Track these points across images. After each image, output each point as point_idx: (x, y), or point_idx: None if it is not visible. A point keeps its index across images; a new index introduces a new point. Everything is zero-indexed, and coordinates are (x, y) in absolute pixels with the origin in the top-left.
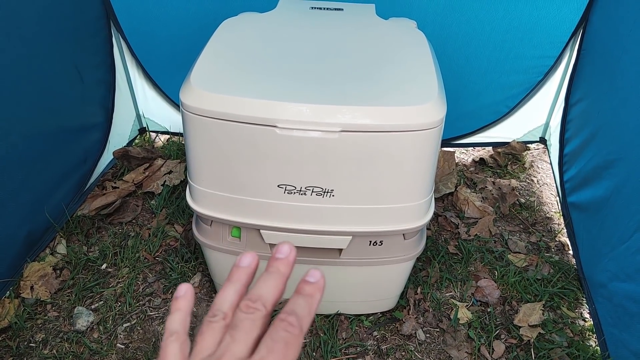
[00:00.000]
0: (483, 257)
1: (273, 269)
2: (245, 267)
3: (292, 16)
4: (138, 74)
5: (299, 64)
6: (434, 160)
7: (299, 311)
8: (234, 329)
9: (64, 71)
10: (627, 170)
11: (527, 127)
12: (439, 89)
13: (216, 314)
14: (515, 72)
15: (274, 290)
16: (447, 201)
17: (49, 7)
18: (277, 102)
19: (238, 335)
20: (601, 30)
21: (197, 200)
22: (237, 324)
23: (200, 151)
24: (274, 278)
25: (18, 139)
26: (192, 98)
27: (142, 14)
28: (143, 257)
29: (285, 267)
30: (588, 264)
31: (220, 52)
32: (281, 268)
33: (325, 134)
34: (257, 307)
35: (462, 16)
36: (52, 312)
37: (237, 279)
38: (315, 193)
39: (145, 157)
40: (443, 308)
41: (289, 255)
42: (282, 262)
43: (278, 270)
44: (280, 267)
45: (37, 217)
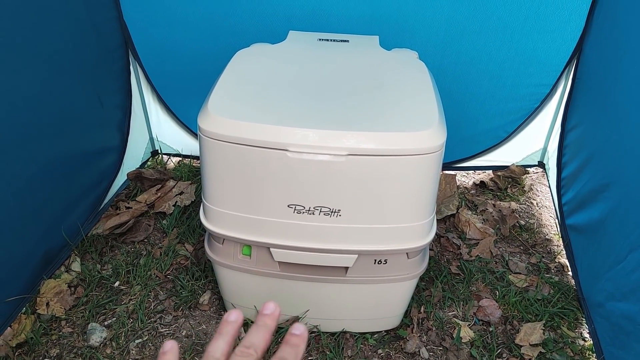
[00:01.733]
0: (484, 277)
1: (262, 323)
2: (233, 322)
3: (301, 47)
4: (153, 99)
5: (308, 92)
6: (436, 183)
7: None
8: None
9: (86, 97)
10: (620, 194)
11: (525, 151)
12: (440, 115)
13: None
14: (513, 99)
15: (263, 339)
16: (449, 222)
17: (73, 38)
18: (289, 128)
19: None
20: (594, 60)
21: (211, 219)
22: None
23: (216, 173)
24: (263, 330)
25: (43, 162)
26: (209, 123)
27: (159, 43)
28: (154, 275)
29: (271, 321)
30: (586, 285)
31: (235, 81)
32: (268, 322)
33: (333, 158)
34: (250, 352)
35: (461, 47)
36: (66, 328)
37: (226, 332)
38: (323, 213)
39: (157, 178)
40: (446, 327)
41: (274, 311)
42: (269, 317)
43: (266, 324)
44: (268, 321)
45: (54, 236)
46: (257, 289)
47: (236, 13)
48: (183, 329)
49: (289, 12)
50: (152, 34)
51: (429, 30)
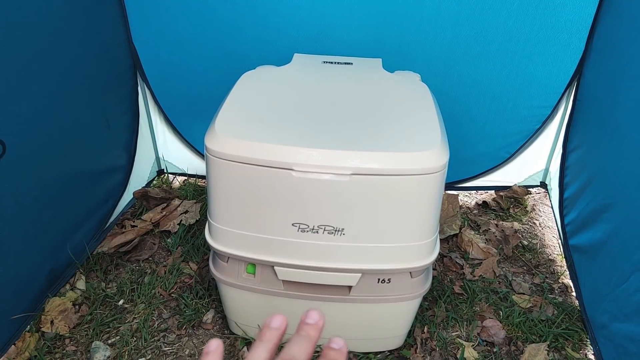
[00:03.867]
0: (488, 297)
1: (304, 333)
2: (276, 329)
3: (306, 69)
4: (160, 120)
5: (313, 113)
6: (439, 202)
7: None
8: None
9: (93, 119)
10: (622, 214)
11: (527, 172)
12: (442, 136)
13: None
14: (514, 120)
15: (304, 352)
16: (451, 242)
17: (83, 60)
18: (294, 148)
19: None
20: (594, 82)
21: (216, 238)
22: None
23: (222, 192)
24: (305, 341)
25: (50, 181)
26: (216, 143)
27: (167, 65)
28: (159, 294)
29: (315, 332)
30: (590, 305)
31: (241, 102)
32: (311, 333)
33: (337, 177)
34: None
35: (463, 69)
36: (70, 347)
37: (268, 339)
38: (327, 232)
39: (163, 197)
40: (449, 347)
41: (318, 321)
42: (313, 327)
43: (308, 334)
44: (311, 332)
45: (60, 254)
46: (261, 308)
47: (242, 37)
48: (186, 348)
49: (294, 36)
50: (160, 57)
51: (430, 53)
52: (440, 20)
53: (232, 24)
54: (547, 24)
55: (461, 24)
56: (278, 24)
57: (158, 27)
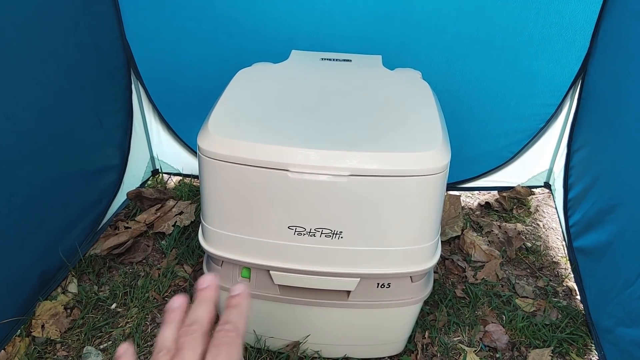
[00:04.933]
0: (491, 301)
1: (200, 297)
2: (177, 308)
3: (303, 67)
4: (154, 118)
5: (310, 112)
6: (440, 204)
7: (233, 318)
8: (180, 351)
9: (85, 117)
10: (628, 215)
11: (531, 172)
12: (444, 136)
13: (160, 350)
14: (518, 119)
15: (205, 312)
16: (453, 244)
17: (74, 57)
18: (290, 148)
19: (185, 354)
20: (599, 80)
21: (210, 241)
22: (181, 347)
23: (215, 193)
24: (203, 304)
25: (41, 181)
26: (209, 143)
27: (161, 62)
28: (152, 297)
29: (210, 292)
30: (595, 309)
31: (235, 100)
32: (207, 295)
33: (334, 178)
34: (194, 328)
35: (465, 67)
36: (61, 352)
37: (172, 319)
38: (325, 235)
39: (157, 198)
40: (451, 353)
41: (211, 283)
42: (207, 290)
43: (204, 297)
44: (206, 294)
45: (51, 257)
46: (256, 312)
47: (239, 32)
48: None
49: (291, 32)
50: (154, 54)
51: (432, 50)
52: (442, 17)
53: (228, 19)
54: (551, 21)
55: (463, 20)
56: (275, 20)
57: (152, 24)
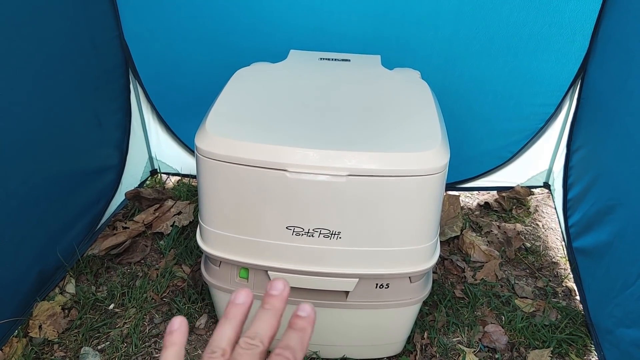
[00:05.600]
0: (490, 301)
1: (269, 306)
2: (241, 305)
3: (302, 66)
4: (152, 118)
5: (308, 112)
6: (439, 205)
7: (293, 345)
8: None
9: (84, 117)
10: (628, 216)
11: (530, 172)
12: (442, 135)
13: (215, 350)
14: (517, 119)
15: (270, 327)
16: (452, 245)
17: (72, 57)
18: (288, 148)
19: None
20: (599, 80)
21: (207, 241)
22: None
23: (213, 194)
24: (270, 315)
25: (39, 181)
26: (207, 143)
27: (160, 62)
28: (150, 298)
29: (280, 303)
30: (595, 310)
31: (233, 100)
32: (276, 304)
33: (333, 178)
34: (256, 343)
35: (464, 66)
36: (58, 352)
37: (233, 316)
38: (323, 235)
39: (156, 198)
40: (450, 354)
41: (283, 291)
42: (277, 298)
43: (273, 307)
44: (276, 303)
45: (49, 257)
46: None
47: (237, 32)
48: None
49: (290, 31)
50: (152, 53)
51: (431, 49)
52: (440, 16)
53: (226, 19)
54: (551, 20)
55: (462, 19)
56: (274, 20)
57: (150, 23)
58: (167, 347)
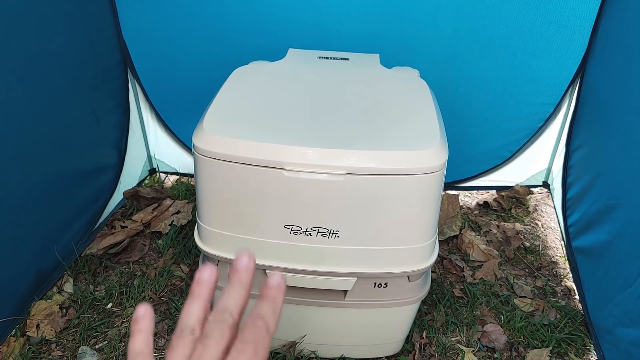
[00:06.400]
0: (489, 301)
1: (235, 281)
2: (206, 282)
3: (300, 65)
4: (151, 117)
5: (306, 110)
6: (437, 203)
7: (265, 314)
8: (206, 338)
9: (82, 116)
10: (627, 215)
11: (529, 171)
12: (441, 134)
13: (184, 329)
14: (516, 118)
15: (239, 300)
16: (451, 244)
17: (70, 55)
18: (286, 146)
19: (210, 344)
20: (598, 79)
21: (205, 240)
22: (207, 334)
23: (210, 192)
24: (237, 289)
25: (37, 180)
26: (204, 141)
27: (158, 61)
28: (149, 297)
29: (246, 276)
30: (594, 310)
31: (231, 99)
32: (243, 278)
33: (331, 177)
34: (225, 317)
35: (463, 65)
36: (56, 352)
37: (199, 294)
38: (321, 234)
39: (154, 197)
40: (449, 353)
41: (248, 264)
42: (244, 272)
43: (240, 281)
44: (242, 277)
45: (47, 256)
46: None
47: (236, 30)
48: None
49: (288, 30)
50: (151, 52)
51: (430, 48)
52: (440, 15)
53: (225, 17)
54: (550, 19)
55: (462, 17)
56: (272, 18)
57: (149, 22)
58: (135, 334)
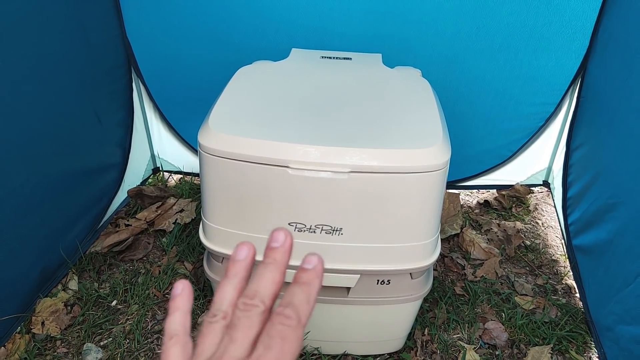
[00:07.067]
0: (490, 299)
1: (269, 260)
2: (242, 261)
3: (304, 65)
4: (155, 117)
5: (310, 109)
6: (440, 201)
7: (296, 302)
8: (232, 329)
9: (86, 115)
10: (628, 214)
11: (530, 170)
12: (444, 133)
13: (216, 314)
14: (517, 118)
15: (271, 283)
16: (452, 242)
17: (74, 55)
18: (290, 144)
19: (236, 335)
20: (599, 78)
21: (210, 237)
22: (235, 323)
23: (216, 190)
24: (270, 270)
25: (42, 179)
26: (210, 140)
27: (162, 60)
28: (153, 295)
29: (282, 255)
30: (595, 307)
31: (236, 98)
32: (277, 257)
33: (335, 175)
34: (255, 303)
35: (465, 65)
36: (61, 349)
37: (234, 274)
38: (325, 231)
39: (158, 195)
40: (450, 350)
41: (284, 242)
42: (279, 250)
43: (275, 260)
44: (277, 256)
45: (52, 254)
46: None
47: (239, 31)
48: None
49: (292, 30)
50: (155, 52)
51: (432, 48)
52: (441, 15)
53: (228, 17)
54: (551, 19)
55: (463, 18)
56: (276, 18)
57: (153, 22)
58: (171, 312)
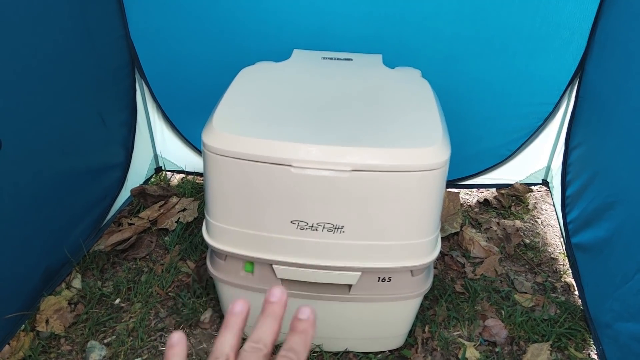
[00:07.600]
0: (489, 296)
1: (269, 312)
2: (239, 313)
3: (305, 65)
4: (158, 117)
5: (312, 109)
6: (440, 199)
7: (296, 347)
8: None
9: (90, 116)
10: (626, 212)
11: (529, 169)
12: (444, 132)
13: (218, 357)
14: (516, 117)
15: (272, 331)
16: (452, 241)
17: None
18: (293, 143)
19: None
20: (597, 78)
21: (214, 236)
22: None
23: (219, 189)
24: (270, 320)
25: (46, 178)
26: (214, 139)
27: (165, 62)
28: (155, 293)
29: (279, 309)
30: (594, 305)
31: (239, 98)
32: (276, 310)
33: (336, 173)
34: (260, 347)
35: (464, 66)
36: (65, 346)
37: (233, 324)
38: (327, 229)
39: (160, 195)
40: (451, 347)
41: (281, 297)
42: (277, 305)
43: (274, 312)
44: (275, 309)
45: (55, 253)
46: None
47: (242, 32)
48: None
49: (293, 32)
50: (158, 53)
51: (432, 49)
52: (441, 16)
53: (231, 19)
54: (549, 20)
55: (462, 19)
56: (278, 20)
57: (156, 23)
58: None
